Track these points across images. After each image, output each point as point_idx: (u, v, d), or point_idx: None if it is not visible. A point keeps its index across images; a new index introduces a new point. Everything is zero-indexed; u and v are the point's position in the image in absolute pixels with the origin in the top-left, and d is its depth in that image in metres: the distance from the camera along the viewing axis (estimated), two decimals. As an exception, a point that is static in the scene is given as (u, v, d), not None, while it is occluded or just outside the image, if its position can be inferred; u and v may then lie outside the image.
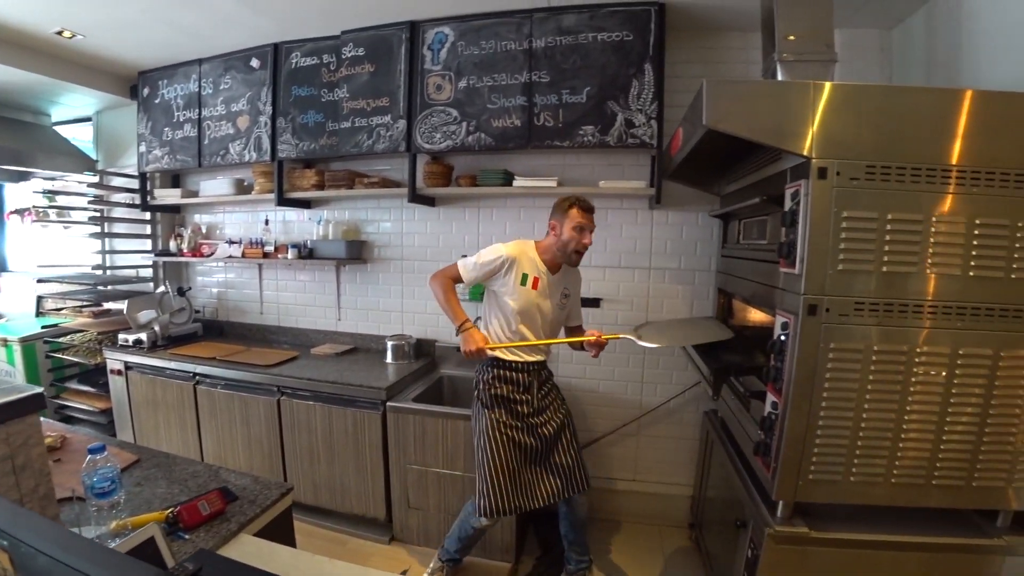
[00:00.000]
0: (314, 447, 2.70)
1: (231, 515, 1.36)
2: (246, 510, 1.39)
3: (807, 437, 1.55)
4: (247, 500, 1.44)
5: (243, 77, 3.09)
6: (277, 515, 1.48)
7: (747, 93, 1.60)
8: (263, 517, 1.41)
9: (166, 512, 1.28)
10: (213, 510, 1.34)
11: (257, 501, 1.44)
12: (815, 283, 1.49)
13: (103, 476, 1.25)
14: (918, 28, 2.38)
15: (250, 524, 1.36)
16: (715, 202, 2.65)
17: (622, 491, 2.92)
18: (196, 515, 1.30)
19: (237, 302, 3.61)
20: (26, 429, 0.93)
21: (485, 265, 2.07)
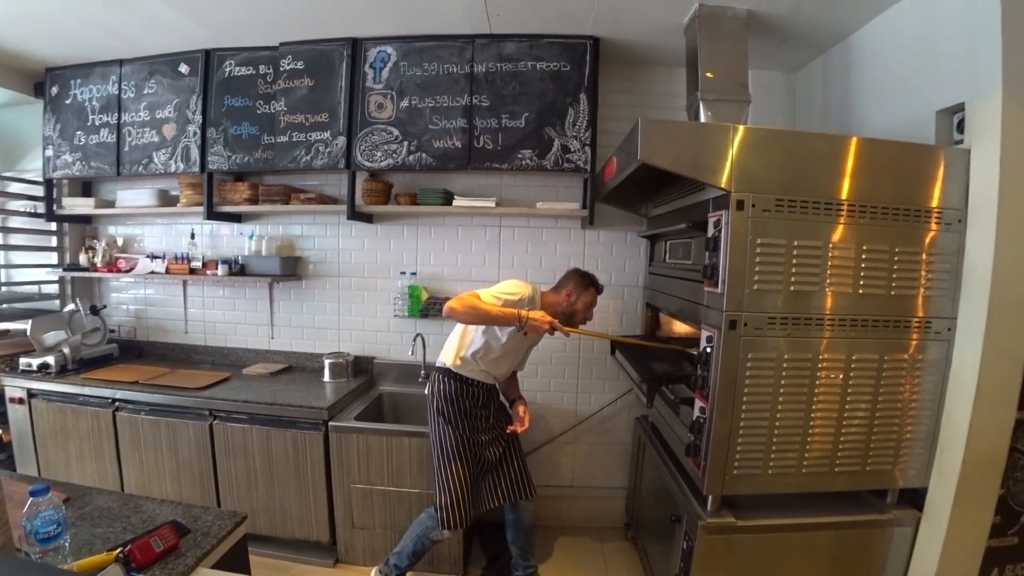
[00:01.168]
0: (251, 472, 2.60)
1: (186, 549, 1.32)
2: (201, 543, 1.36)
3: (731, 437, 1.76)
4: (200, 532, 1.40)
5: (170, 83, 2.94)
6: (232, 545, 1.45)
7: (676, 132, 1.80)
8: (219, 549, 1.39)
9: (115, 552, 1.23)
10: (167, 546, 1.29)
11: (211, 532, 1.40)
12: (735, 301, 1.69)
13: (47, 519, 1.18)
14: (817, 74, 2.73)
15: (206, 557, 1.33)
16: (642, 223, 2.87)
17: (561, 497, 3.05)
18: (149, 552, 1.25)
19: (158, 320, 3.39)
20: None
21: (510, 297, 2.13)
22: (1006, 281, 1.72)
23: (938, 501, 1.85)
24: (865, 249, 1.75)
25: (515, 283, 2.21)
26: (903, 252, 1.77)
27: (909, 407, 1.84)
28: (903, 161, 1.77)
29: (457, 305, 2.04)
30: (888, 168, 1.75)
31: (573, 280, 2.32)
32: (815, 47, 2.60)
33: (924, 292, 1.80)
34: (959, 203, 1.79)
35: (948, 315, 1.82)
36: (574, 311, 2.28)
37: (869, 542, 1.91)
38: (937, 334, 1.82)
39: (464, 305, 2.03)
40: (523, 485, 2.34)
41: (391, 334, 3.11)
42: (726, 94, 2.23)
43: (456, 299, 2.06)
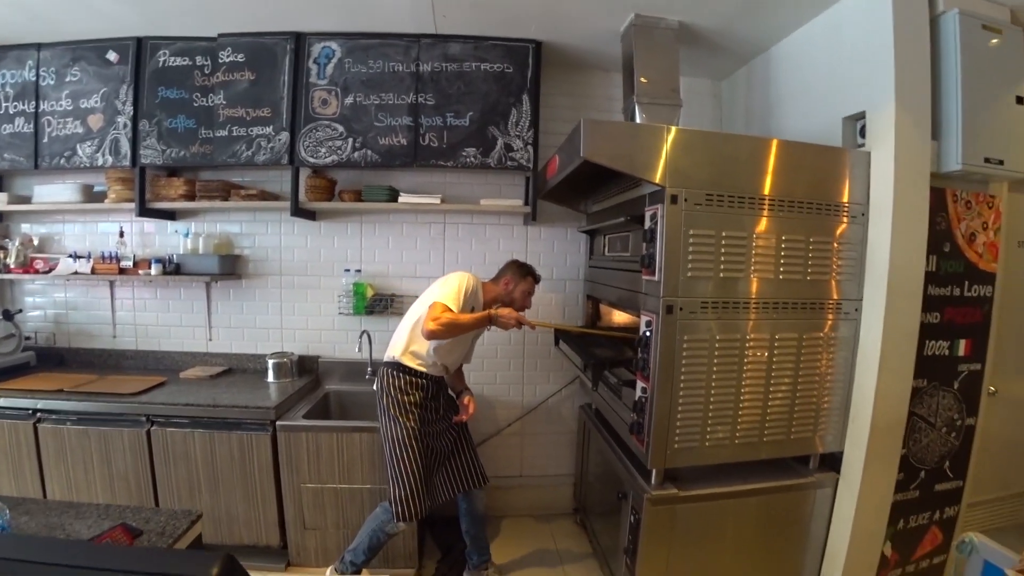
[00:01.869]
0: (193, 478, 2.50)
1: (140, 551, 1.29)
2: (156, 543, 1.32)
3: (671, 414, 1.91)
4: (154, 533, 1.36)
5: (96, 71, 2.76)
6: (189, 544, 1.42)
7: (616, 132, 1.93)
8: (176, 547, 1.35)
9: (64, 560, 1.19)
10: (121, 548, 1.26)
11: (166, 532, 1.36)
12: (671, 288, 1.85)
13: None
14: (741, 82, 2.97)
15: (163, 557, 1.31)
16: (582, 219, 3.01)
17: (511, 487, 3.13)
18: None
19: (82, 325, 3.15)
20: None
21: (469, 294, 2.23)
22: (900, 267, 1.98)
23: (852, 463, 2.09)
24: (784, 239, 1.95)
25: (460, 276, 2.28)
26: (817, 242, 1.99)
27: (825, 380, 2.07)
28: (815, 161, 2.00)
29: (436, 327, 2.08)
30: (803, 167, 1.97)
31: (511, 270, 2.44)
32: (740, 57, 2.84)
33: (835, 277, 2.04)
34: (862, 199, 2.04)
35: (855, 297, 2.06)
36: (512, 299, 2.40)
37: (796, 504, 2.13)
38: (847, 314, 2.06)
39: (443, 325, 2.09)
40: (475, 474, 2.41)
41: (336, 332, 3.08)
42: (659, 98, 2.40)
43: (432, 320, 2.09)
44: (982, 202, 2.22)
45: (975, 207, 2.21)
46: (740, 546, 2.10)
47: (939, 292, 2.19)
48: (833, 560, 2.13)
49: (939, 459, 2.31)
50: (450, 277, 2.29)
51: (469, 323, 2.17)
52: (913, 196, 2.00)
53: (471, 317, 2.18)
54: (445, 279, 2.30)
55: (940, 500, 2.35)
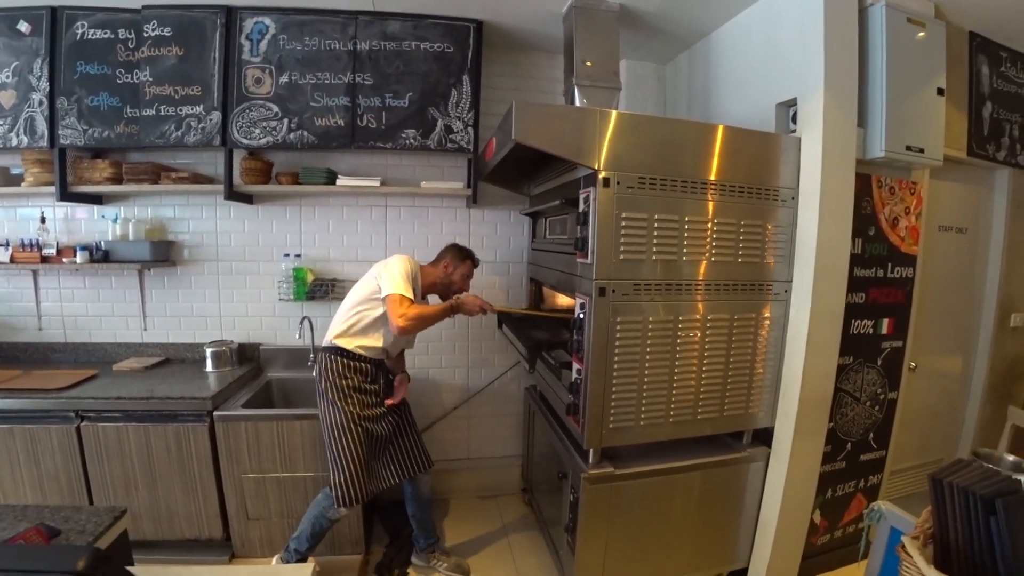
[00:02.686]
0: (129, 474, 2.42)
1: (58, 551, 1.25)
2: (75, 542, 1.27)
3: (606, 394, 1.95)
4: (74, 531, 1.31)
5: (6, 42, 2.56)
6: (112, 541, 1.37)
7: (548, 115, 1.92)
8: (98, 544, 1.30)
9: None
10: (36, 550, 1.21)
11: (86, 531, 1.31)
12: (603, 270, 1.87)
13: None
14: (683, 66, 2.99)
15: (84, 556, 1.26)
16: (525, 202, 3.01)
17: (459, 470, 3.16)
18: None
19: (4, 318, 2.96)
20: None
21: (413, 279, 2.23)
22: (826, 249, 2.06)
23: (782, 437, 2.18)
24: (717, 222, 1.99)
25: (400, 260, 2.26)
26: (749, 225, 2.04)
27: (756, 359, 2.15)
28: (748, 146, 2.04)
29: (406, 323, 2.09)
30: (736, 152, 2.01)
31: (451, 253, 2.44)
32: (681, 42, 2.85)
33: (766, 259, 2.09)
34: (793, 183, 2.10)
35: (786, 279, 2.13)
36: (451, 282, 2.41)
37: (731, 478, 2.22)
38: (777, 295, 2.13)
39: (412, 320, 2.10)
40: (419, 458, 2.41)
41: (277, 319, 3.00)
42: (599, 81, 2.39)
43: (400, 317, 2.08)
44: (905, 188, 2.31)
45: (898, 193, 2.30)
46: (678, 520, 2.18)
47: (864, 273, 2.29)
48: (765, 528, 2.24)
49: (864, 431, 2.44)
50: (390, 262, 2.26)
51: (436, 314, 2.20)
52: (840, 181, 2.07)
53: (437, 308, 2.21)
54: (385, 264, 2.26)
55: (865, 469, 2.49)
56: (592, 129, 1.81)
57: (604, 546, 2.09)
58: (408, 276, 2.20)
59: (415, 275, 2.27)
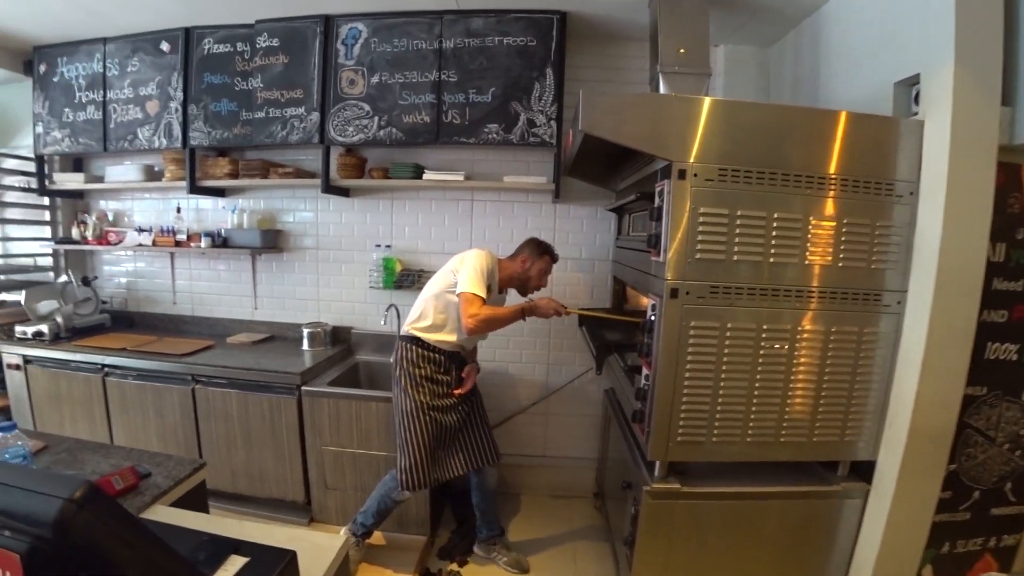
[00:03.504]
0: (231, 434, 2.73)
1: (144, 489, 1.42)
2: (160, 484, 1.46)
3: (674, 404, 1.79)
4: (161, 475, 1.50)
5: (152, 60, 3.01)
6: (191, 488, 1.55)
7: (617, 104, 1.78)
8: (177, 490, 1.49)
9: (79, 489, 1.33)
10: (127, 485, 1.40)
11: (171, 475, 1.51)
12: (677, 270, 1.72)
13: (14, 454, 1.27)
14: (789, 48, 2.69)
15: (164, 496, 1.43)
16: (612, 197, 2.88)
17: (533, 466, 3.13)
18: (110, 489, 1.35)
19: (148, 292, 3.52)
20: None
21: (490, 274, 2.24)
22: (953, 255, 1.72)
23: (885, 473, 1.87)
24: (813, 220, 1.75)
25: (476, 255, 2.25)
26: (853, 224, 1.76)
27: (857, 380, 1.85)
28: (856, 132, 1.75)
29: (475, 324, 2.10)
30: (838, 139, 1.74)
31: (529, 248, 2.39)
32: (786, 21, 2.56)
33: (874, 265, 1.80)
34: (912, 175, 1.78)
35: (899, 288, 1.82)
36: (528, 278, 2.36)
37: (818, 513, 1.94)
38: (887, 307, 1.82)
39: (482, 321, 2.11)
40: (486, 451, 2.41)
41: (367, 305, 3.19)
42: (686, 67, 2.21)
43: (470, 317, 2.10)
44: (1069, 181, 1.87)
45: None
46: (751, 552, 1.95)
47: (1008, 287, 1.88)
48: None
49: (998, 479, 2.01)
50: (468, 256, 2.26)
51: (507, 317, 2.18)
52: (974, 172, 1.71)
53: (509, 311, 2.18)
54: (462, 258, 2.28)
55: (997, 526, 2.05)
56: (667, 117, 1.67)
57: (662, 568, 1.94)
58: (483, 273, 2.18)
59: (491, 271, 2.26)
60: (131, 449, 1.71)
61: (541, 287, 2.40)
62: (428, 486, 2.26)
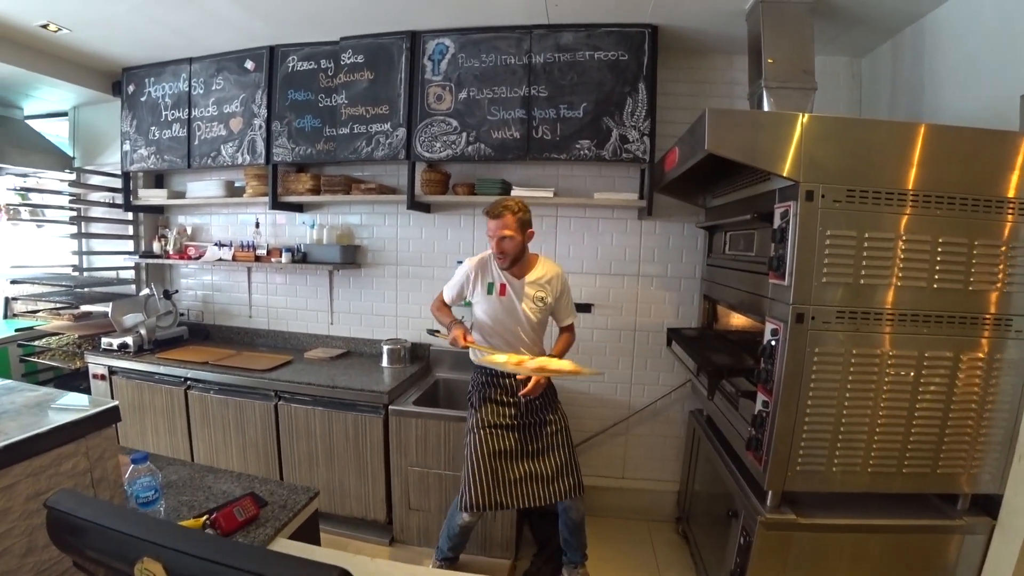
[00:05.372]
0: (313, 451, 2.72)
1: (264, 520, 1.40)
2: (278, 515, 1.43)
3: (795, 432, 1.72)
4: (277, 505, 1.48)
5: (236, 79, 3.06)
6: (306, 519, 1.52)
7: (743, 122, 1.76)
8: (295, 521, 1.46)
9: (202, 519, 1.31)
10: (248, 516, 1.37)
11: (287, 506, 1.48)
12: (802, 294, 1.65)
13: (145, 486, 1.26)
14: (885, 58, 2.60)
15: (284, 528, 1.41)
16: (700, 214, 2.82)
17: (612, 488, 3.05)
18: (233, 521, 1.33)
19: (224, 305, 3.56)
20: (103, 443, 0.95)
21: (456, 283, 2.30)
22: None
23: (1014, 509, 1.76)
24: (941, 242, 1.67)
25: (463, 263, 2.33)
26: (985, 245, 1.68)
27: (984, 409, 1.76)
28: (982, 149, 1.68)
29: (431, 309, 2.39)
30: (967, 157, 1.66)
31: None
32: (884, 30, 2.49)
33: (1004, 288, 1.71)
34: (1049, 195, 1.69)
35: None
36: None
37: (937, 548, 1.84)
38: (1019, 332, 1.73)
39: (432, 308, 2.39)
40: (568, 484, 2.24)
41: (446, 322, 3.16)
42: (790, 81, 2.16)
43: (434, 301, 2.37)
44: None
45: None
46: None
47: None
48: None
49: None
50: None
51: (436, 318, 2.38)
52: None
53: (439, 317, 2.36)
54: None
55: None
56: (791, 136, 1.62)
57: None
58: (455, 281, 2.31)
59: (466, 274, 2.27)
60: (240, 474, 1.68)
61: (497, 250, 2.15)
62: (489, 508, 2.13)
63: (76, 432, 0.90)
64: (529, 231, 2.20)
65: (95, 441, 0.94)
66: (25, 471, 0.84)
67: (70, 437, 0.89)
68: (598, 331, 2.98)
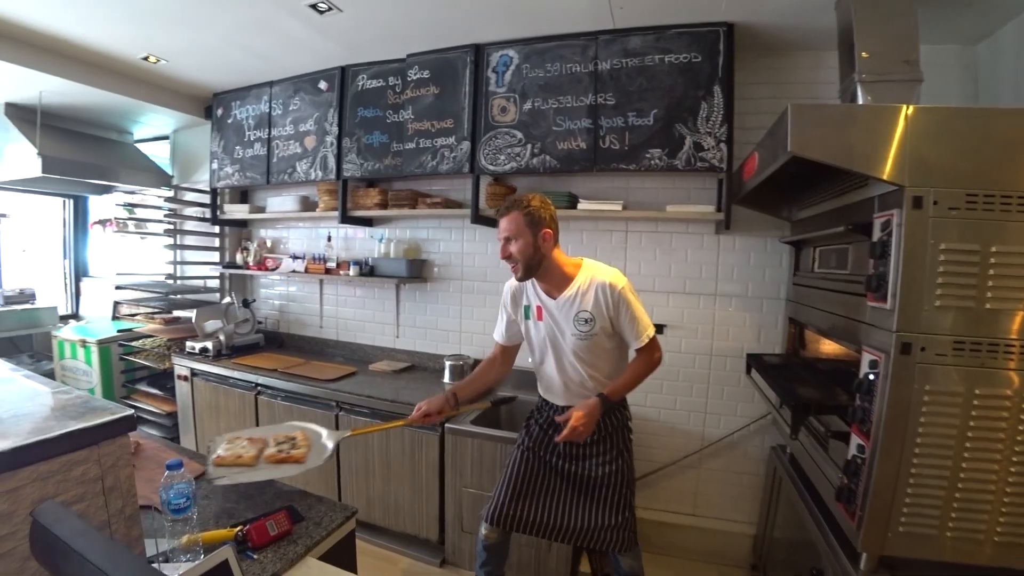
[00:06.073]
0: (370, 464, 2.72)
1: (297, 536, 1.37)
2: (312, 532, 1.39)
3: (898, 486, 1.44)
4: (312, 522, 1.44)
5: (311, 98, 3.20)
6: (341, 539, 1.48)
7: (834, 118, 1.53)
8: (328, 540, 1.42)
9: (235, 530, 1.30)
10: (280, 531, 1.35)
11: (322, 523, 1.44)
12: (909, 320, 1.39)
13: (179, 492, 1.25)
14: (1008, 42, 2.24)
15: (315, 547, 1.36)
16: (785, 228, 2.55)
17: (681, 526, 2.80)
18: (264, 535, 1.31)
19: (298, 315, 3.71)
20: (116, 451, 0.94)
21: (501, 314, 2.09)
22: None
23: None
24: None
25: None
26: None
27: None
28: None
29: None
30: None
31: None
32: (1004, 11, 2.13)
33: None
34: None
35: None
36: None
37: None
38: None
39: None
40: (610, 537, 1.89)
41: (509, 339, 3.08)
42: (889, 74, 1.87)
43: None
44: None
45: None
46: None
47: None
48: None
49: None
50: None
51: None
52: None
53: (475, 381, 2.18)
54: None
55: None
56: (893, 132, 1.39)
57: None
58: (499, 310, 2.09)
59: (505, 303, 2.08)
60: (282, 486, 1.66)
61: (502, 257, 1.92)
62: (507, 527, 1.93)
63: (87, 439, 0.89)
64: (544, 231, 1.81)
65: (108, 449, 0.93)
66: (31, 475, 0.84)
67: (81, 443, 0.88)
68: (671, 354, 2.74)
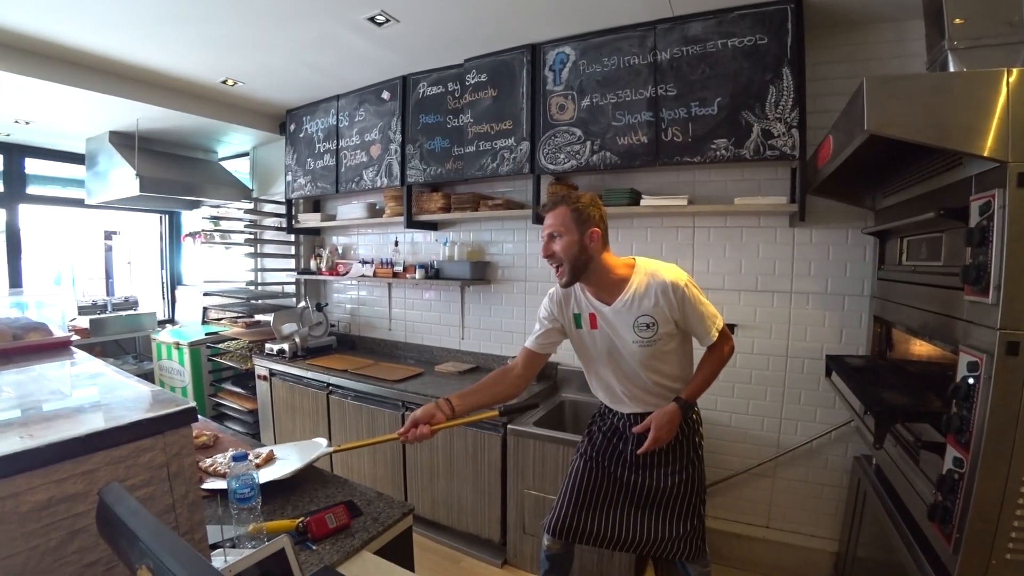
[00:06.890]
0: (434, 464, 2.76)
1: (355, 530, 1.40)
2: (369, 527, 1.43)
3: (1004, 506, 1.26)
4: (371, 517, 1.48)
5: (375, 109, 3.33)
6: (398, 535, 1.50)
7: (919, 90, 1.35)
8: (384, 536, 1.44)
9: (296, 521, 1.36)
10: (339, 524, 1.39)
11: (380, 519, 1.47)
12: (1016, 315, 1.22)
13: (244, 483, 1.32)
14: None
15: (372, 542, 1.40)
16: (868, 217, 2.35)
17: (755, 538, 2.63)
18: (323, 527, 1.36)
19: (368, 318, 3.86)
20: (180, 440, 1.01)
21: (538, 323, 1.89)
22: None
23: None
24: None
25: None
26: None
27: None
28: None
29: None
30: None
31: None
32: None
33: None
34: None
35: None
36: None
37: None
38: None
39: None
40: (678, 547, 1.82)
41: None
42: (985, 38, 1.65)
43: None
44: None
45: None
46: None
47: None
48: None
49: None
50: None
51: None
52: None
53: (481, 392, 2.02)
54: None
55: None
56: (995, 102, 1.22)
57: None
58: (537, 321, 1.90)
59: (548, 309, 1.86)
60: (346, 481, 1.71)
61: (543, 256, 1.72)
62: (569, 538, 1.86)
63: (154, 428, 0.96)
64: (592, 230, 1.65)
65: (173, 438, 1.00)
66: (105, 459, 0.91)
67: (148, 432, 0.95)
68: (743, 355, 2.58)
